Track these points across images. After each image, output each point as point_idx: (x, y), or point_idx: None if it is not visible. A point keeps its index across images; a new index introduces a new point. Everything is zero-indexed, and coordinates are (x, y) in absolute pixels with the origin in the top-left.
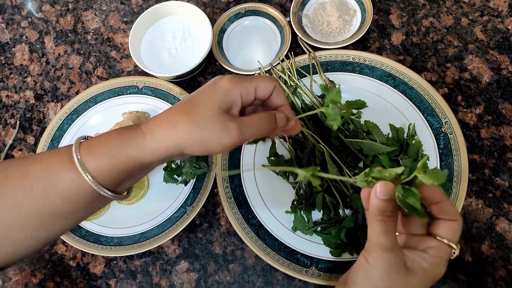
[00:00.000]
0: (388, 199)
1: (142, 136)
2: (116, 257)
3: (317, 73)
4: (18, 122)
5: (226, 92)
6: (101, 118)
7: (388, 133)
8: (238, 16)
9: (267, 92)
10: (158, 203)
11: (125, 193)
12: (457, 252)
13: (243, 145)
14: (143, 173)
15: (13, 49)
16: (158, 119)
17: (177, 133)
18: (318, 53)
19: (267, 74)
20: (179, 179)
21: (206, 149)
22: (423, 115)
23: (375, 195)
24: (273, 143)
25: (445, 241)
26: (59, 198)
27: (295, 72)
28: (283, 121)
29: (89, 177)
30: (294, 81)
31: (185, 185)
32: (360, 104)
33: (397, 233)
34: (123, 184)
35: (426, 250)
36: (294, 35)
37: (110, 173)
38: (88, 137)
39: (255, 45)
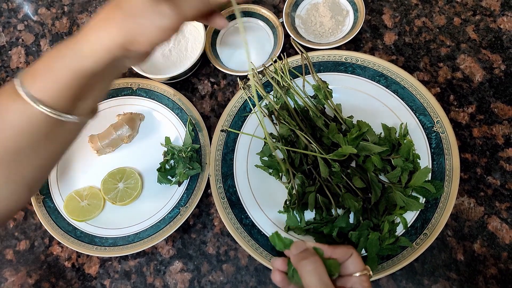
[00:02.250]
0: (306, 250)
1: (77, 42)
2: (110, 257)
3: (310, 74)
4: None
5: None
6: (96, 120)
7: (380, 133)
8: (232, 17)
9: None
10: (152, 203)
11: (89, 114)
12: (371, 273)
13: (236, 146)
14: (96, 86)
15: (9, 52)
16: (91, 21)
17: (112, 29)
18: (310, 54)
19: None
20: (173, 179)
21: (147, 38)
22: (415, 115)
23: (291, 253)
24: (266, 144)
25: (358, 274)
26: (16, 134)
27: (287, 73)
28: None
29: (36, 102)
30: (287, 81)
31: (179, 185)
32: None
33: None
34: (80, 104)
35: (351, 284)
36: (287, 35)
37: (59, 93)
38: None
39: (248, 46)
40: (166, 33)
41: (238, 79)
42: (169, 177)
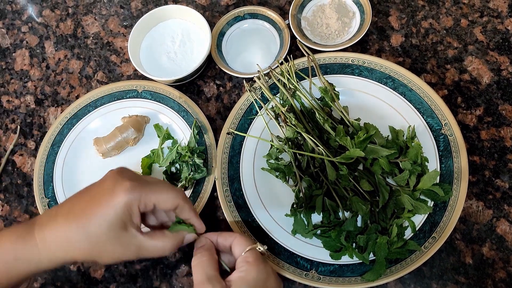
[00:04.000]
0: (201, 246)
1: (37, 251)
2: None
3: (316, 76)
4: (18, 127)
5: (123, 208)
6: (101, 122)
7: (388, 135)
8: (237, 19)
9: (169, 206)
10: None
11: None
12: (261, 248)
13: (242, 148)
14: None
15: (13, 54)
16: (53, 231)
17: (73, 251)
18: (317, 56)
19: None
20: (179, 184)
21: (101, 261)
22: (423, 117)
23: (195, 249)
24: (273, 146)
25: (243, 254)
26: None
27: (294, 75)
28: (190, 240)
29: None
30: (293, 84)
31: (185, 190)
32: None
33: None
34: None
35: (238, 266)
36: (293, 37)
37: (8, 283)
38: None
39: (254, 48)
40: (118, 261)
41: (244, 81)
42: (174, 182)
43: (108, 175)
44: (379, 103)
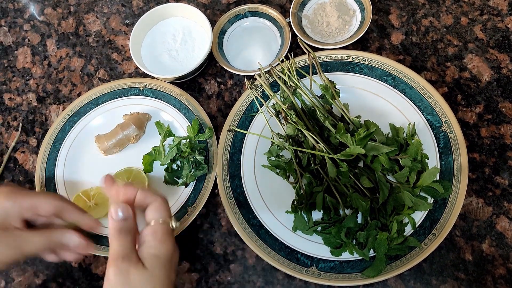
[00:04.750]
0: (124, 218)
1: None
2: None
3: (317, 74)
4: (20, 124)
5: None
6: (103, 120)
7: (388, 133)
8: (238, 17)
9: (50, 209)
10: None
11: None
12: (174, 224)
13: (243, 146)
14: None
15: (15, 52)
16: None
17: None
18: (317, 54)
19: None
20: (180, 181)
21: None
22: (423, 115)
23: (111, 217)
24: (273, 144)
25: (153, 222)
26: None
27: (294, 73)
28: (75, 242)
29: None
30: (294, 81)
31: (186, 187)
32: None
33: None
34: None
35: (146, 238)
36: (294, 35)
37: None
38: None
39: (255, 46)
40: (10, 259)
41: (245, 79)
42: (175, 178)
43: None
44: (380, 100)
